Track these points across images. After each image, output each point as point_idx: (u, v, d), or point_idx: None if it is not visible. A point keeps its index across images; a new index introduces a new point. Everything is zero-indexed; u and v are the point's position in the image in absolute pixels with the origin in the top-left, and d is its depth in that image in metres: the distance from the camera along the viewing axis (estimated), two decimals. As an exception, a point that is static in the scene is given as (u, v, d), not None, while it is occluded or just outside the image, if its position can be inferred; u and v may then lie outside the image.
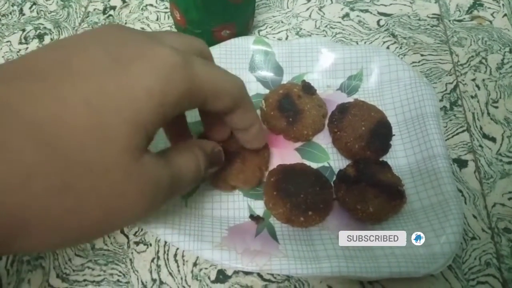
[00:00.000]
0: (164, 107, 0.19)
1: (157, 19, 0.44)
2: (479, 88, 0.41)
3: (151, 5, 0.46)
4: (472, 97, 0.40)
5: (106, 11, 0.45)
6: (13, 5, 0.45)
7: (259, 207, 0.33)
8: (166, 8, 0.45)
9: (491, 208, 0.34)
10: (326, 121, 0.37)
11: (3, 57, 0.41)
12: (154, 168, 0.20)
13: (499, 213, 0.34)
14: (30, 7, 0.45)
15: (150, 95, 0.19)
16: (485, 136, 0.38)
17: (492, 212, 0.34)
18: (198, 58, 0.22)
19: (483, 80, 0.41)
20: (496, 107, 0.40)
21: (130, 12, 0.45)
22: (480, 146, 0.37)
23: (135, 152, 0.19)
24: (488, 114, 0.39)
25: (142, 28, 0.44)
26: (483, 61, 0.43)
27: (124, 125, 0.18)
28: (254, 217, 0.32)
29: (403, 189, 0.32)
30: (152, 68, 0.19)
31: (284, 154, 0.36)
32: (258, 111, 0.36)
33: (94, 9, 0.45)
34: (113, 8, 0.45)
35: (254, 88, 0.39)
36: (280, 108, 0.35)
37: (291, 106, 0.35)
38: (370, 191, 0.31)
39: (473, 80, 0.41)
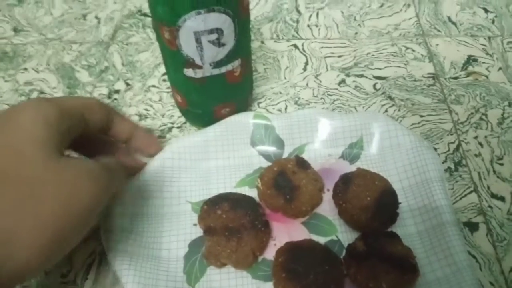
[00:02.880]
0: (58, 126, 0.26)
1: (159, 100, 0.46)
2: (482, 146, 0.41)
3: (154, 86, 0.47)
4: (476, 155, 0.40)
5: (111, 95, 0.47)
6: (21, 95, 0.47)
7: (268, 289, 0.32)
8: (168, 88, 0.47)
9: (508, 274, 0.33)
10: (323, 194, 0.37)
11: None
12: (79, 160, 0.26)
13: (517, 279, 0.33)
14: (37, 96, 0.47)
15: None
16: (493, 195, 0.37)
17: (510, 278, 0.33)
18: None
19: (485, 137, 0.41)
20: (502, 164, 0.39)
21: (134, 95, 0.46)
22: (490, 206, 0.37)
23: (51, 152, 0.24)
24: (494, 172, 0.39)
25: (146, 110, 0.45)
26: (483, 117, 0.43)
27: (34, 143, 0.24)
28: (264, 302, 0.31)
29: (415, 261, 0.31)
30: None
31: (291, 229, 0.35)
32: (255, 190, 0.37)
33: (99, 94, 0.47)
34: (117, 91, 0.47)
35: (256, 162, 0.39)
36: (276, 186, 0.35)
37: (287, 183, 0.35)
38: (382, 266, 0.30)
39: (475, 137, 0.41)
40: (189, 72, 0.35)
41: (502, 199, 0.37)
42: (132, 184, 0.36)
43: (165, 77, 0.48)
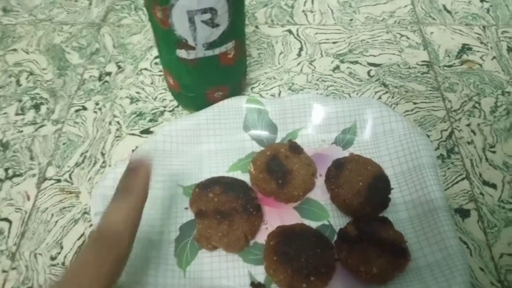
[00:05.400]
0: None
1: (151, 83, 0.45)
2: (474, 134, 0.41)
3: (146, 69, 0.47)
4: (468, 143, 0.40)
5: (102, 78, 0.46)
6: (10, 76, 0.46)
7: (260, 272, 0.32)
8: (160, 71, 0.46)
9: (498, 259, 0.33)
10: (316, 179, 0.37)
11: (0, 129, 0.42)
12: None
13: (507, 264, 0.33)
14: (27, 77, 0.46)
15: None
16: (485, 183, 0.37)
17: (500, 264, 0.33)
18: None
19: (478, 124, 0.41)
20: (494, 152, 0.39)
21: (125, 77, 0.46)
22: (481, 193, 0.37)
23: None
24: (486, 159, 0.39)
25: (137, 93, 0.44)
26: (476, 105, 0.43)
27: None
28: (255, 285, 0.31)
29: (406, 246, 0.31)
30: None
31: (283, 213, 0.35)
32: (248, 175, 0.36)
33: (90, 76, 0.46)
34: (109, 74, 0.46)
35: (249, 146, 0.39)
36: (269, 170, 0.35)
37: (280, 167, 0.35)
38: (373, 250, 0.30)
39: (468, 125, 0.41)
40: (181, 53, 0.34)
41: (493, 186, 0.37)
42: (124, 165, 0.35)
43: (157, 60, 0.47)
